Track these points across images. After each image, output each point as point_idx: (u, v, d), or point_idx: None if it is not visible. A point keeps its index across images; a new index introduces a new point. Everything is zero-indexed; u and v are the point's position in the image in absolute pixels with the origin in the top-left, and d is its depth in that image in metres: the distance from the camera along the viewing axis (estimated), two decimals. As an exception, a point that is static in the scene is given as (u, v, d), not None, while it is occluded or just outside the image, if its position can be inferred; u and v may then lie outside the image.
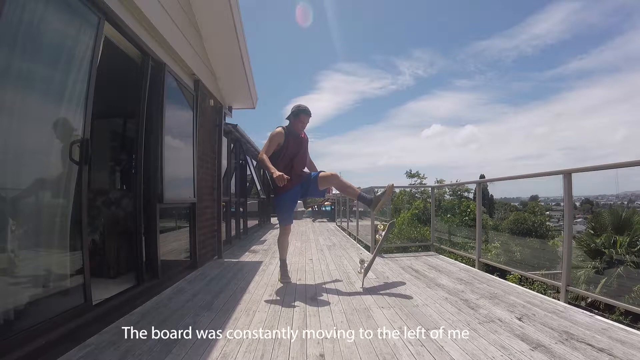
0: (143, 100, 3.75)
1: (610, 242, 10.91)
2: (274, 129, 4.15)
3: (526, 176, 4.62)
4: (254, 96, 7.16)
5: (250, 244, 8.07)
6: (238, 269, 5.09)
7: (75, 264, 2.58)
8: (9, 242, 2.05)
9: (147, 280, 3.68)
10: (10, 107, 2.05)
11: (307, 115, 4.15)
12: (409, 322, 2.82)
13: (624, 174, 3.42)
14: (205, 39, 5.32)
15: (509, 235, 14.46)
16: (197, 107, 5.09)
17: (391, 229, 4.54)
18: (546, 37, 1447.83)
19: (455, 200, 15.06)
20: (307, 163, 4.41)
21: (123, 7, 3.15)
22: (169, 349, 2.33)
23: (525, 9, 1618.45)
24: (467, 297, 3.55)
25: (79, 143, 2.56)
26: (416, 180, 22.16)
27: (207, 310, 3.15)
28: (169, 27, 3.99)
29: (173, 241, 4.55)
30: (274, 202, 4.36)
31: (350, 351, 2.31)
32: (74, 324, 2.45)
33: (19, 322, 2.05)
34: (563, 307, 3.18)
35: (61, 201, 2.52)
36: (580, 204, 48.75)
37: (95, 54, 2.72)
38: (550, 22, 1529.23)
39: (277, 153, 4.11)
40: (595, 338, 2.45)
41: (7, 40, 2.01)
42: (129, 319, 2.91)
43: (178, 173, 4.50)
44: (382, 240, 4.44)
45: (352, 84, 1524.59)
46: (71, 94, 2.52)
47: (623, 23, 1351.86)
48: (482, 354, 2.23)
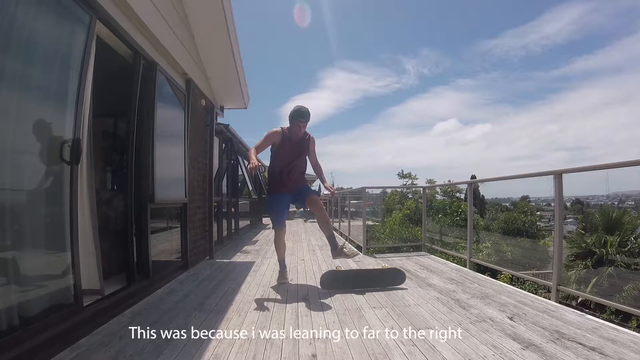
0: (134, 100, 3.72)
1: (600, 242, 11.00)
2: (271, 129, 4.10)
3: (517, 177, 4.66)
4: (246, 96, 7.15)
5: (242, 245, 8.05)
6: (230, 270, 5.07)
7: (65, 265, 2.55)
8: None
9: (138, 281, 3.65)
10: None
11: (302, 119, 4.01)
12: (400, 322, 2.82)
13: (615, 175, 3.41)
14: (197, 38, 5.30)
15: (500, 235, 14.54)
16: (188, 106, 5.07)
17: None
18: (556, 36, 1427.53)
19: (446, 201, 15.12)
20: (313, 165, 4.37)
21: (115, 6, 3.13)
22: (161, 350, 2.32)
23: (538, 7, 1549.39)
24: (458, 296, 3.56)
25: (69, 143, 2.53)
26: (408, 180, 22.31)
27: (199, 311, 3.14)
28: (160, 25, 3.97)
29: (164, 241, 4.53)
30: (266, 201, 4.34)
31: (342, 351, 2.31)
32: (64, 325, 2.42)
33: (8, 324, 2.02)
34: (554, 307, 3.20)
35: (51, 201, 2.50)
36: (571, 204, 49.12)
37: (87, 53, 2.69)
38: (562, 21, 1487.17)
39: (275, 154, 4.11)
40: (586, 337, 2.47)
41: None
42: (120, 320, 2.89)
43: (169, 173, 4.48)
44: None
45: (355, 82, 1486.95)
46: (62, 93, 2.51)
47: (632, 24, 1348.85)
48: (473, 354, 2.24)
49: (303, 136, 4.13)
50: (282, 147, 4.07)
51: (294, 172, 4.14)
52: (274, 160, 4.13)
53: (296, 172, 4.16)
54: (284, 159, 4.08)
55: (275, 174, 4.12)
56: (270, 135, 4.05)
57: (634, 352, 2.22)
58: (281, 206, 4.16)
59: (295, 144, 4.10)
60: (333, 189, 4.24)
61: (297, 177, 4.18)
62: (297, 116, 3.99)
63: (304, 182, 4.31)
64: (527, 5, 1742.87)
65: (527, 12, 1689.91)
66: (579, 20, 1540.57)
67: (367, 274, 4.25)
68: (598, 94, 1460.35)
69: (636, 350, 2.25)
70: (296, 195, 4.18)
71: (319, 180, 4.63)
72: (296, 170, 4.16)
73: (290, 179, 4.11)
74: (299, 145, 4.13)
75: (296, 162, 4.13)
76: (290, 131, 4.07)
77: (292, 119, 4.01)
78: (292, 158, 4.10)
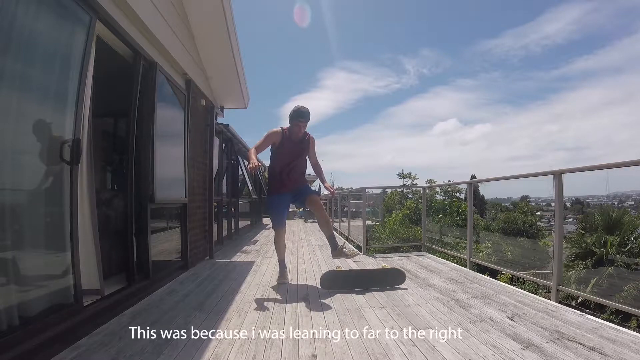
0: (134, 100, 3.73)
1: (600, 242, 10.99)
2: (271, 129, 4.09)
3: (517, 177, 4.65)
4: (246, 96, 7.16)
5: (242, 245, 8.04)
6: (230, 270, 5.07)
7: (65, 265, 2.55)
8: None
9: (138, 281, 3.65)
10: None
11: (302, 119, 4.00)
12: (400, 322, 2.82)
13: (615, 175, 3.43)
14: (197, 38, 5.31)
15: (500, 235, 14.53)
16: (188, 106, 5.07)
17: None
18: (556, 36, 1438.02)
19: (446, 201, 15.11)
20: (313, 165, 4.38)
21: (115, 6, 3.13)
22: (161, 350, 2.32)
23: (538, 7, 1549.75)
24: (458, 296, 3.56)
25: (69, 143, 2.53)
26: (408, 181, 22.31)
27: (199, 311, 3.13)
28: (160, 25, 3.97)
29: (164, 241, 4.53)
30: (266, 201, 4.34)
31: (342, 351, 2.31)
32: (64, 325, 2.42)
33: (8, 324, 2.02)
34: (554, 307, 3.20)
35: (51, 201, 2.51)
36: (571, 204, 49.11)
37: (87, 53, 2.69)
38: (562, 21, 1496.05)
39: (275, 154, 4.11)
40: (586, 337, 2.47)
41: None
42: (120, 320, 2.89)
43: (169, 173, 4.48)
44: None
45: (355, 82, 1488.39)
46: (62, 93, 2.51)
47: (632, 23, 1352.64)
48: (473, 354, 2.24)
49: (303, 136, 4.12)
50: (282, 147, 4.06)
51: (294, 172, 4.13)
52: (274, 160, 4.13)
53: (296, 172, 4.16)
54: (284, 159, 4.08)
55: (275, 174, 4.12)
56: (270, 135, 4.04)
57: (634, 352, 2.22)
58: (281, 206, 4.16)
59: (295, 144, 4.10)
60: (333, 189, 4.24)
61: (297, 177, 4.18)
62: (297, 116, 3.98)
63: (304, 182, 4.31)
64: (527, 5, 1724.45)
65: (527, 12, 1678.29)
66: (579, 20, 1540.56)
67: (367, 274, 4.24)
68: (598, 94, 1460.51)
69: (636, 350, 2.25)
70: (296, 195, 4.18)
71: (319, 180, 4.63)
72: (296, 171, 4.16)
73: (291, 179, 4.10)
74: (299, 146, 4.12)
75: (296, 162, 4.13)
76: (290, 131, 4.07)
77: (292, 119, 4.00)
78: (292, 158, 4.10)
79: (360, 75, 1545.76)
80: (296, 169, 4.15)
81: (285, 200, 4.17)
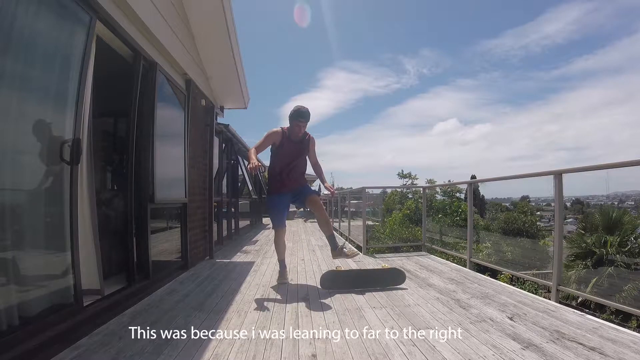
0: (134, 100, 3.72)
1: (600, 242, 11.01)
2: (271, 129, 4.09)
3: (517, 177, 4.65)
4: (246, 96, 7.16)
5: (242, 245, 8.04)
6: (230, 270, 5.07)
7: (65, 265, 2.55)
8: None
9: (138, 281, 3.65)
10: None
11: (302, 119, 3.98)
12: (400, 322, 2.82)
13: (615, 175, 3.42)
14: (197, 38, 5.30)
15: (500, 235, 14.53)
16: (188, 106, 5.07)
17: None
18: (556, 36, 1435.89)
19: (446, 201, 15.12)
20: (313, 165, 4.38)
21: (115, 6, 3.13)
22: (161, 350, 2.32)
23: (538, 7, 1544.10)
24: (458, 296, 3.56)
25: (69, 143, 2.53)
26: (408, 181, 22.31)
27: (199, 311, 3.13)
28: (160, 25, 3.97)
29: (164, 241, 4.53)
30: (266, 201, 4.34)
31: (342, 351, 2.30)
32: (64, 325, 2.42)
33: (8, 324, 2.02)
34: (554, 307, 3.20)
35: (51, 201, 2.51)
36: (571, 204, 49.13)
37: (87, 53, 2.69)
38: (562, 21, 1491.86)
39: (275, 154, 4.11)
40: (586, 337, 2.47)
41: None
42: (120, 320, 2.89)
43: (169, 173, 4.48)
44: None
45: (355, 82, 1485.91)
46: (63, 93, 2.51)
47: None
48: (473, 354, 2.24)
49: (303, 136, 4.12)
50: (282, 147, 4.06)
51: (294, 172, 4.13)
52: (274, 160, 4.12)
53: (296, 172, 4.15)
54: (284, 159, 4.07)
55: (275, 174, 4.12)
56: (270, 135, 4.04)
57: (634, 352, 2.22)
58: (281, 206, 4.16)
59: (295, 144, 4.10)
60: (333, 189, 4.23)
61: (297, 177, 4.18)
62: (297, 116, 3.97)
63: (304, 182, 4.30)
64: (527, 5, 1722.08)
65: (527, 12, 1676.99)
66: (578, 20, 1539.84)
67: (367, 274, 4.24)
68: (598, 94, 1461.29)
69: (636, 350, 2.25)
70: (296, 195, 4.18)
71: (319, 180, 4.63)
72: (296, 171, 4.15)
73: (291, 179, 4.10)
74: (299, 146, 4.12)
75: (296, 162, 4.13)
76: (290, 131, 4.06)
77: (292, 119, 3.99)
78: (292, 158, 4.10)
79: (360, 75, 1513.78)
80: (296, 169, 4.15)
81: (285, 200, 4.17)
